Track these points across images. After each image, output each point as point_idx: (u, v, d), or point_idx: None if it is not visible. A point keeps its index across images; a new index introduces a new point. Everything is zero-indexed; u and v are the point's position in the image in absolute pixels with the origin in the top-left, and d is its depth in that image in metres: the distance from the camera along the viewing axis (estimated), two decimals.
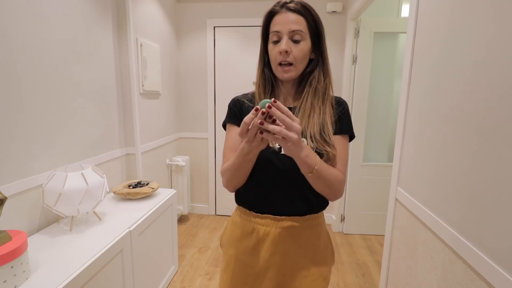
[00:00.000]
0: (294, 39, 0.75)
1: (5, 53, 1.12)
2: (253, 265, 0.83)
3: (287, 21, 0.74)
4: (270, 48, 0.79)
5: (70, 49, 1.46)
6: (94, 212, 1.41)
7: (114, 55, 1.85)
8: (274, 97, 0.84)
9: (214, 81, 2.84)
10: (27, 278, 0.96)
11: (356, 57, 2.45)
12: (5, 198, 0.96)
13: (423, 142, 1.06)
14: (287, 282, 0.82)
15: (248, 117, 0.60)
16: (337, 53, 2.63)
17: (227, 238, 0.89)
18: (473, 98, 0.78)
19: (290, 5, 0.75)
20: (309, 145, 0.73)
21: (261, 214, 0.82)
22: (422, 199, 1.05)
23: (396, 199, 1.28)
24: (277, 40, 0.76)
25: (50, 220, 1.38)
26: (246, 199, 0.84)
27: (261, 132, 0.59)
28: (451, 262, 0.86)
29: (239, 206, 0.88)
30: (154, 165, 2.41)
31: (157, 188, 1.80)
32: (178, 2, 2.74)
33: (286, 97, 0.85)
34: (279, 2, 0.77)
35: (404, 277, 1.18)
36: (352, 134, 0.84)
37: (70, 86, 1.47)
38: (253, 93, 0.86)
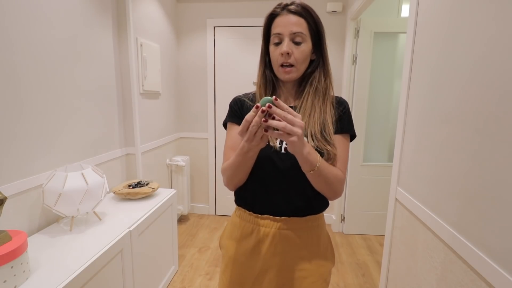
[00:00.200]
0: (295, 41, 0.76)
1: (5, 53, 1.12)
2: (253, 267, 0.82)
3: (288, 23, 0.75)
4: (272, 50, 0.79)
5: (70, 49, 1.46)
6: (94, 212, 1.41)
7: (114, 55, 1.85)
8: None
9: (214, 81, 2.84)
10: (27, 278, 0.96)
11: (356, 57, 2.45)
12: (5, 198, 0.96)
13: (423, 142, 1.06)
14: (287, 284, 0.81)
15: (249, 115, 0.60)
16: (337, 53, 2.63)
17: (227, 239, 0.89)
18: (473, 98, 0.78)
19: (291, 7, 0.76)
20: (310, 144, 0.73)
21: (261, 215, 0.81)
22: (422, 199, 1.05)
23: (396, 199, 1.28)
24: (279, 42, 0.77)
25: (50, 220, 1.38)
26: (246, 199, 0.84)
27: (266, 130, 0.59)
28: (451, 262, 0.86)
29: (239, 207, 0.88)
30: (154, 165, 2.41)
31: (157, 188, 1.80)
32: (178, 2, 2.74)
33: (287, 97, 0.85)
34: (280, 4, 0.78)
35: (404, 277, 1.18)
36: (353, 134, 0.84)
37: (70, 86, 1.47)
38: (254, 93, 0.86)
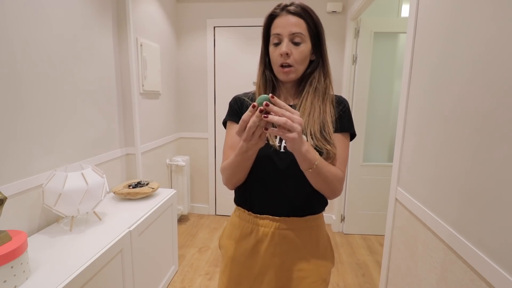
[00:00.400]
0: (295, 41, 0.76)
1: (6, 53, 1.12)
2: (252, 267, 0.82)
3: (288, 24, 0.75)
4: (271, 50, 0.80)
5: (70, 49, 1.46)
6: (94, 212, 1.41)
7: (114, 55, 1.85)
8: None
9: (214, 81, 2.84)
10: (27, 278, 0.96)
11: (356, 57, 2.45)
12: (5, 198, 0.96)
13: (423, 142, 1.06)
14: (286, 284, 0.81)
15: (246, 115, 0.60)
16: (337, 53, 2.63)
17: (226, 239, 0.89)
18: (473, 98, 0.78)
19: (290, 8, 0.76)
20: (309, 143, 0.73)
21: (260, 215, 0.81)
22: (422, 199, 1.05)
23: (396, 199, 1.28)
24: (278, 43, 0.78)
25: (50, 220, 1.38)
26: (246, 198, 0.84)
27: (266, 128, 0.59)
28: (451, 262, 0.86)
29: (238, 207, 0.88)
30: (154, 165, 2.41)
31: (157, 188, 1.80)
32: (178, 2, 2.74)
33: (287, 97, 0.85)
34: (280, 5, 0.78)
35: (404, 277, 1.18)
36: (353, 132, 0.84)
37: (70, 86, 1.47)
38: (254, 92, 0.87)
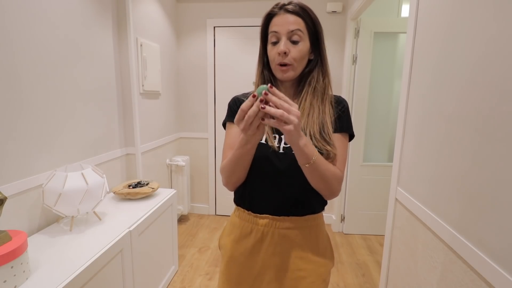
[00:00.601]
0: (293, 40, 0.76)
1: (6, 53, 1.12)
2: (252, 267, 0.82)
3: (286, 22, 0.75)
4: (269, 49, 0.79)
5: (70, 49, 1.46)
6: (94, 212, 1.41)
7: (114, 55, 1.85)
8: None
9: (214, 81, 2.84)
10: (27, 278, 0.96)
11: (356, 57, 2.45)
12: (5, 198, 0.96)
13: (423, 142, 1.06)
14: (286, 283, 0.81)
15: (245, 104, 0.59)
16: (337, 53, 2.63)
17: (226, 239, 0.89)
18: (473, 98, 0.78)
19: (289, 7, 0.76)
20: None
21: (260, 214, 0.82)
22: (422, 199, 1.05)
23: (396, 199, 1.28)
24: (276, 41, 0.77)
25: (50, 220, 1.38)
26: (245, 198, 0.84)
27: (263, 119, 0.59)
28: (451, 262, 0.86)
29: (238, 207, 0.88)
30: (154, 165, 2.41)
31: (157, 188, 1.80)
32: (178, 2, 2.74)
33: None
34: (278, 4, 0.78)
35: (404, 277, 1.18)
36: (352, 133, 0.84)
37: (70, 86, 1.47)
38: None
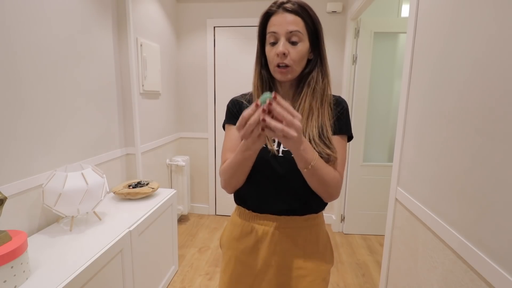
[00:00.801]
0: (292, 41, 0.74)
1: (6, 53, 1.12)
2: (252, 265, 0.83)
3: (284, 22, 0.73)
4: (268, 50, 0.77)
5: (70, 49, 1.46)
6: (94, 212, 1.41)
7: (114, 55, 1.85)
8: None
9: (214, 81, 2.84)
10: (27, 278, 0.96)
11: (356, 57, 2.45)
12: (5, 198, 0.96)
13: (423, 142, 1.06)
14: (286, 282, 0.81)
15: (247, 112, 0.58)
16: (337, 53, 2.63)
17: (227, 238, 0.89)
18: (473, 98, 0.78)
19: (287, 6, 0.73)
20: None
21: (260, 214, 0.82)
22: (422, 199, 1.05)
23: (396, 199, 1.28)
24: (274, 42, 0.75)
25: (50, 220, 1.38)
26: (245, 199, 0.84)
27: (263, 129, 0.59)
28: (451, 262, 0.86)
29: (239, 206, 0.88)
30: (154, 165, 2.41)
31: (157, 188, 1.80)
32: (178, 2, 2.74)
33: (284, 98, 0.83)
34: (276, 2, 0.75)
35: (404, 277, 1.18)
36: (350, 135, 0.83)
37: (70, 86, 1.47)
38: (252, 94, 0.85)
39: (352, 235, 2.67)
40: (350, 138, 0.84)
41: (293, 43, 0.74)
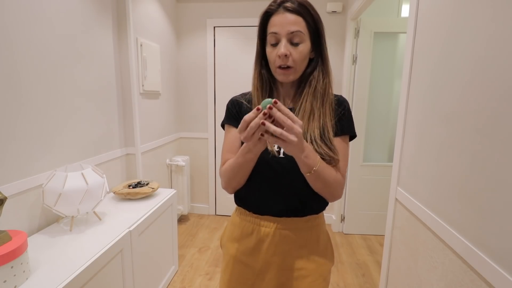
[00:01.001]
0: (293, 42, 0.72)
1: (6, 53, 1.12)
2: (253, 266, 0.83)
3: (285, 22, 0.71)
4: (269, 51, 0.76)
5: (70, 49, 1.46)
6: (94, 212, 1.41)
7: (114, 55, 1.85)
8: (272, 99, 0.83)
9: (214, 81, 2.84)
10: (27, 278, 0.96)
11: (356, 57, 2.45)
12: (5, 198, 0.96)
13: (423, 142, 1.06)
14: (287, 283, 0.81)
15: (249, 116, 0.59)
16: (337, 53, 2.63)
17: (227, 239, 0.89)
18: (474, 98, 0.78)
19: (288, 5, 0.71)
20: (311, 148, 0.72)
21: (261, 215, 0.81)
22: (422, 199, 1.05)
23: (396, 199, 1.28)
24: (275, 43, 0.74)
25: (50, 220, 1.38)
26: (246, 200, 0.84)
27: (262, 135, 0.59)
28: (451, 262, 0.86)
29: (239, 207, 0.88)
30: (154, 165, 2.41)
31: (157, 188, 1.80)
32: (178, 2, 2.74)
33: (284, 98, 0.83)
34: (276, 1, 0.73)
35: (404, 277, 1.18)
36: (353, 134, 0.82)
37: (70, 86, 1.47)
38: (252, 93, 0.85)
39: (352, 235, 2.67)
40: (354, 137, 0.83)
41: (295, 44, 0.72)
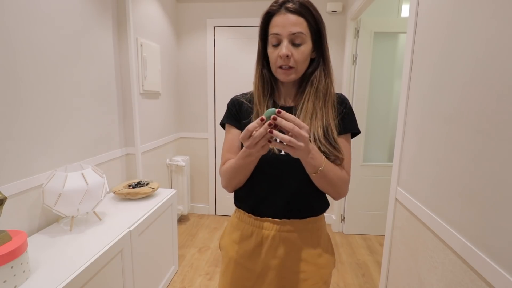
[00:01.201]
0: (295, 43, 0.72)
1: (6, 53, 1.12)
2: (253, 269, 0.82)
3: (287, 23, 0.71)
4: (270, 52, 0.76)
5: (70, 49, 1.46)
6: (94, 212, 1.41)
7: (114, 55, 1.85)
8: (274, 98, 0.83)
9: (214, 81, 2.84)
10: (27, 278, 0.96)
11: (356, 57, 2.45)
12: (5, 198, 0.96)
13: (423, 142, 1.05)
14: (287, 286, 0.81)
15: (252, 125, 0.59)
16: (337, 53, 2.63)
17: (226, 241, 0.88)
18: (474, 98, 0.78)
19: (289, 5, 0.71)
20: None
21: (261, 217, 0.81)
22: (422, 199, 1.05)
23: (396, 199, 1.28)
24: (277, 44, 0.74)
25: (50, 220, 1.38)
26: (246, 201, 0.84)
27: (269, 141, 0.59)
28: (451, 262, 0.86)
29: (238, 209, 0.87)
30: (154, 165, 2.41)
31: (157, 188, 1.80)
32: (178, 2, 2.74)
33: (286, 98, 0.83)
34: (277, 1, 0.73)
35: (404, 277, 1.18)
36: (357, 131, 0.82)
37: (70, 86, 1.47)
38: (252, 93, 0.84)
39: (352, 235, 2.67)
40: (358, 133, 0.83)
41: (296, 45, 0.72)
